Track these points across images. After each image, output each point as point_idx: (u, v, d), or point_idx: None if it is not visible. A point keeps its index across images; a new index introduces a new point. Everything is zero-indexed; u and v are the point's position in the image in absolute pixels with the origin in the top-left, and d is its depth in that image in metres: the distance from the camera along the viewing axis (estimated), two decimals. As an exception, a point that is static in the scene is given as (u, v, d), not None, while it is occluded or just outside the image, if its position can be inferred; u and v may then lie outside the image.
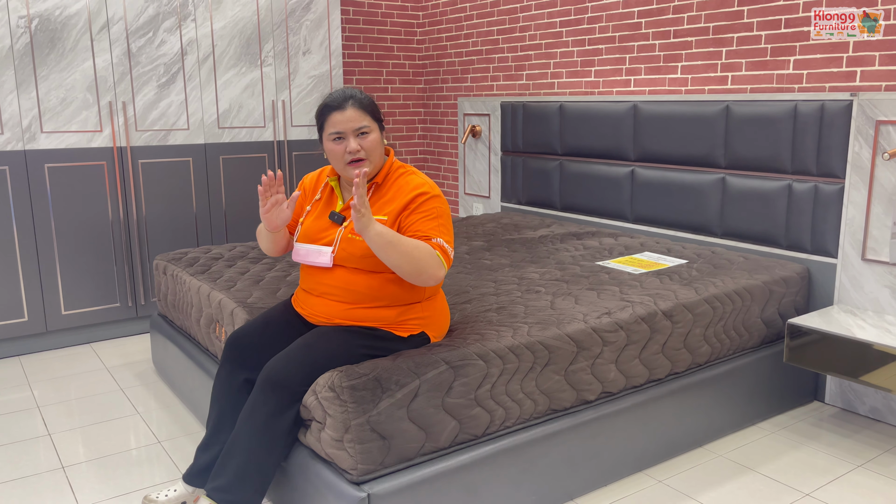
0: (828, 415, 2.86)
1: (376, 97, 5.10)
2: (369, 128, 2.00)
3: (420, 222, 1.96)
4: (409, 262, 1.86)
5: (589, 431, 2.23)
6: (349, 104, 1.99)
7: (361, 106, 2.00)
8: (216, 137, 3.93)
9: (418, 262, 1.86)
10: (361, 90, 2.05)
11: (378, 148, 2.03)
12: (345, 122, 1.98)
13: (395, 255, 1.84)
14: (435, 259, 1.90)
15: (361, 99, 2.01)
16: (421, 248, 1.88)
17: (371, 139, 2.00)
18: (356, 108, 1.99)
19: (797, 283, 2.84)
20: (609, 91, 3.82)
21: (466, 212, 4.81)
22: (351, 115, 1.98)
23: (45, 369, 3.38)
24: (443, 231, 1.97)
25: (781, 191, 2.98)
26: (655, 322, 2.37)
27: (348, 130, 1.98)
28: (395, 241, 1.85)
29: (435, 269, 1.90)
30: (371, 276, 1.99)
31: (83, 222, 3.61)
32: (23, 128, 3.41)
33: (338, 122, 1.98)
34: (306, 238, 2.10)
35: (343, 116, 1.98)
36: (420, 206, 1.97)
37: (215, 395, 2.15)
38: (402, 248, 1.85)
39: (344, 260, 2.01)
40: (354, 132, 1.99)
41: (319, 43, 4.18)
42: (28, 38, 3.36)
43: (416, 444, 1.91)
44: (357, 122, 1.98)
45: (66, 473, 2.42)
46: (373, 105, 2.04)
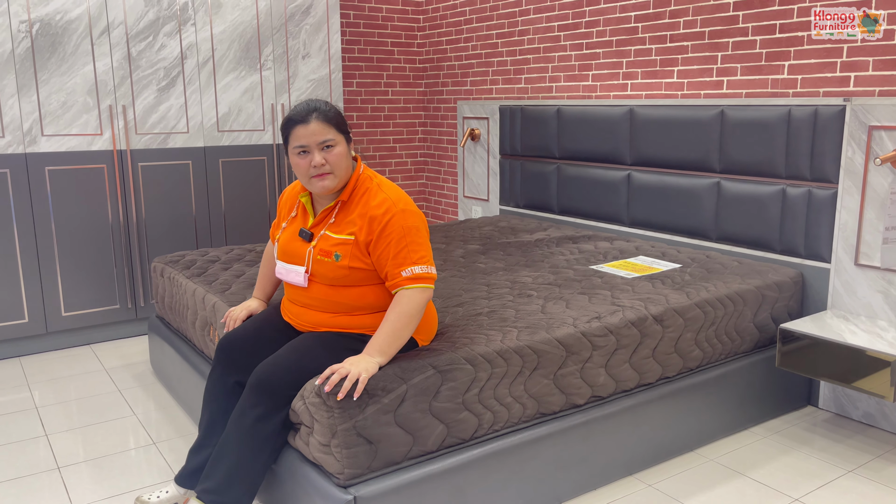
0: (821, 419, 2.86)
1: (377, 100, 5.13)
2: (334, 141, 1.97)
3: (387, 254, 1.94)
4: (413, 326, 1.94)
5: (578, 435, 2.24)
6: (313, 117, 1.95)
7: (326, 119, 1.96)
8: (215, 141, 3.96)
9: (415, 318, 1.93)
10: (327, 102, 2.03)
11: (343, 160, 2.00)
12: (308, 136, 1.95)
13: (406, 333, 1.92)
14: (415, 297, 1.93)
15: (326, 111, 1.98)
16: (404, 309, 1.91)
17: (336, 152, 1.98)
18: (320, 122, 1.95)
19: (790, 287, 2.85)
20: (606, 95, 3.83)
21: (465, 214, 4.82)
22: (315, 128, 1.95)
23: (44, 370, 3.42)
24: (412, 251, 1.94)
25: (775, 195, 2.98)
26: (646, 327, 2.38)
27: (312, 144, 1.95)
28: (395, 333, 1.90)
29: (423, 302, 1.94)
30: (349, 289, 2.01)
31: (83, 224, 3.65)
32: (24, 131, 3.44)
33: (301, 135, 1.95)
34: (283, 255, 2.12)
35: (307, 130, 1.95)
36: (382, 232, 1.94)
37: (207, 398, 2.17)
38: (405, 331, 1.92)
39: (319, 279, 2.03)
40: (319, 145, 1.96)
41: (319, 47, 4.21)
42: (29, 42, 3.40)
43: (403, 448, 1.93)
44: (321, 135, 1.95)
45: (61, 474, 2.45)
46: (338, 117, 2.01)
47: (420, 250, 1.96)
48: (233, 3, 3.89)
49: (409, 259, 1.93)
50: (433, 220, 5.44)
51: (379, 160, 5.23)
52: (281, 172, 4.20)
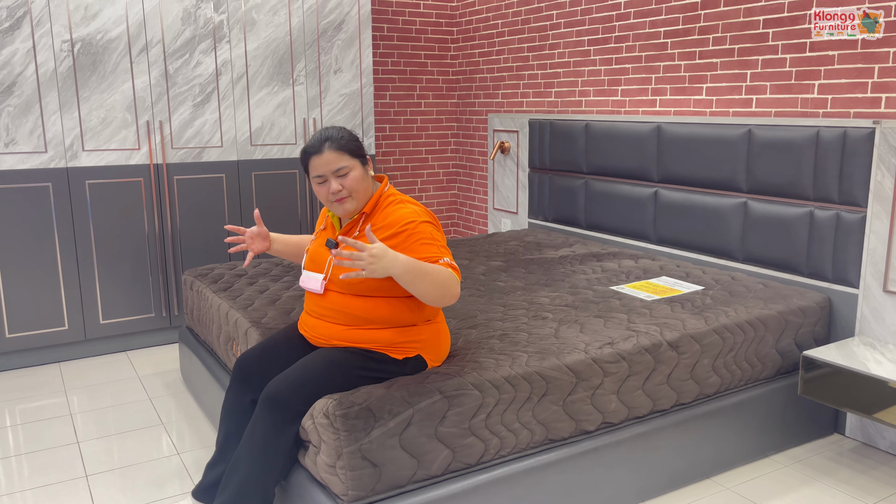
0: (847, 448, 2.79)
1: (409, 112, 5.18)
2: (348, 167, 2.05)
3: (422, 248, 2.00)
4: (436, 288, 1.92)
5: (587, 462, 2.24)
6: (325, 147, 2.04)
7: (339, 147, 2.05)
8: (248, 154, 4.06)
9: (444, 285, 1.93)
10: (341, 129, 2.10)
11: (360, 184, 2.07)
12: (323, 166, 2.04)
13: (425, 285, 1.90)
14: (453, 279, 1.96)
15: (338, 139, 2.06)
16: (442, 272, 1.93)
17: (351, 177, 2.05)
18: (333, 150, 2.04)
19: (816, 312, 2.79)
20: (635, 111, 3.80)
21: (495, 227, 4.83)
22: (328, 157, 2.04)
23: (81, 376, 3.55)
24: (444, 251, 2.02)
25: (803, 217, 2.92)
26: (660, 353, 2.36)
27: (328, 172, 2.05)
28: (423, 271, 1.88)
29: (455, 287, 1.96)
30: (364, 300, 2.05)
31: (121, 236, 3.78)
32: (65, 146, 3.59)
33: (317, 165, 2.05)
34: (309, 263, 2.20)
35: (321, 160, 2.04)
36: (413, 233, 2.01)
37: (224, 415, 2.24)
38: (431, 277, 1.90)
39: (336, 285, 2.09)
40: (334, 173, 2.05)
41: (351, 61, 4.28)
42: (71, 61, 3.54)
43: (407, 472, 1.96)
44: (335, 163, 2.04)
45: (88, 482, 2.55)
46: (351, 143, 2.08)
47: (450, 255, 2.03)
48: (266, 21, 3.99)
49: (444, 254, 2.00)
50: (462, 233, 5.47)
51: (411, 171, 5.28)
52: (312, 185, 4.27)
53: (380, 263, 1.81)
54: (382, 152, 5.13)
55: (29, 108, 3.48)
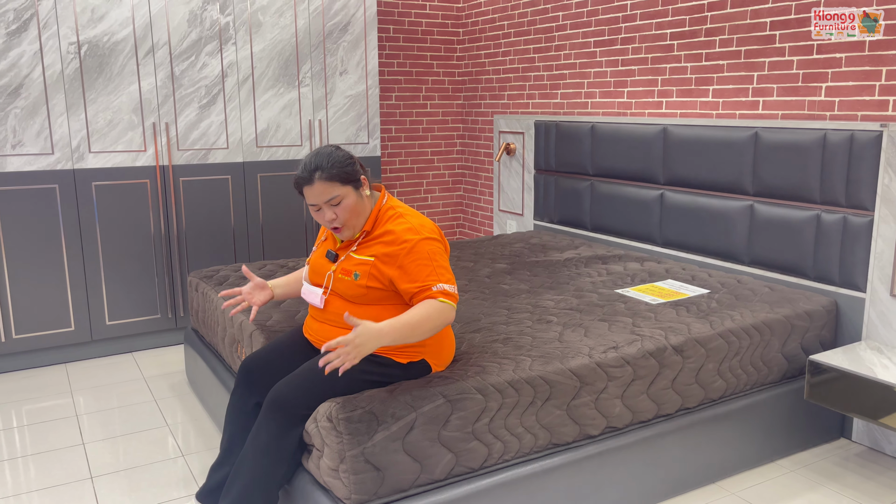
0: (853, 453, 2.77)
1: (415, 113, 5.18)
2: (340, 196, 2.02)
3: (415, 272, 1.99)
4: (429, 331, 1.94)
5: (591, 466, 2.23)
6: (316, 178, 2.01)
7: (329, 177, 2.01)
8: (254, 156, 4.07)
9: (434, 324, 1.94)
10: (331, 153, 2.04)
11: (355, 209, 2.05)
12: (315, 196, 2.03)
13: (416, 337, 1.92)
14: (443, 310, 1.95)
15: (328, 168, 2.01)
16: (432, 314, 1.93)
17: (344, 206, 2.03)
18: (323, 182, 2.01)
19: (823, 316, 2.77)
20: (641, 112, 3.79)
21: (500, 228, 4.83)
22: (319, 189, 2.01)
23: (87, 377, 3.57)
24: (440, 273, 2.00)
25: (810, 221, 2.90)
26: (664, 357, 2.36)
27: (320, 203, 2.03)
28: (410, 326, 1.90)
29: (446, 317, 1.96)
30: (366, 308, 2.06)
31: (127, 237, 3.80)
32: (72, 148, 3.60)
33: (309, 196, 2.04)
34: (311, 274, 2.21)
35: (312, 192, 2.02)
36: (408, 254, 2.00)
37: (228, 417, 2.25)
38: (419, 329, 1.91)
39: (336, 294, 2.10)
40: (327, 203, 2.03)
41: (356, 63, 4.28)
42: (78, 63, 3.55)
43: (410, 476, 1.95)
44: (326, 194, 2.01)
45: (93, 484, 2.56)
46: (342, 172, 2.03)
47: (446, 273, 2.02)
48: (272, 22, 3.99)
49: (441, 277, 1.99)
50: (467, 234, 5.46)
51: (417, 172, 5.28)
52: (317, 187, 4.28)
53: (366, 347, 1.82)
54: (388, 153, 5.14)
55: (36, 110, 3.49)
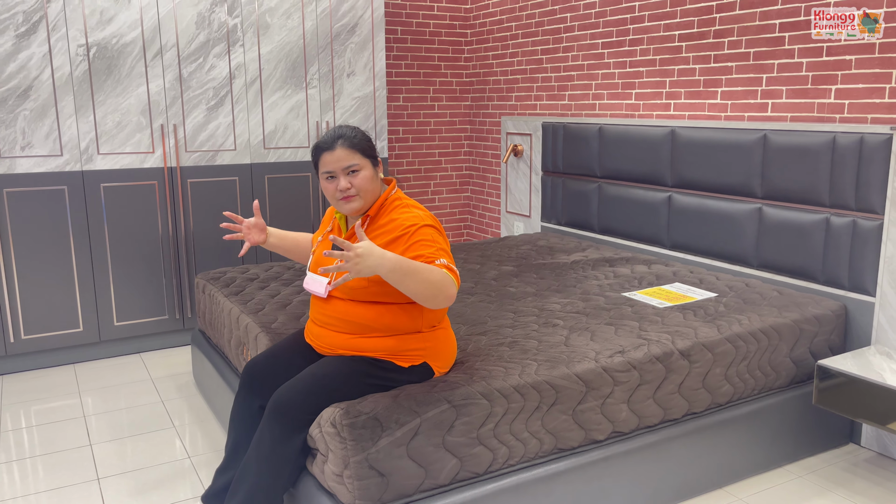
0: (862, 459, 2.75)
1: (423, 114, 5.17)
2: (359, 165, 2.04)
3: (419, 249, 1.97)
4: (427, 287, 1.86)
5: (597, 471, 2.22)
6: (338, 144, 2.03)
7: (351, 145, 2.04)
8: (262, 157, 4.07)
9: (435, 285, 1.87)
10: (355, 128, 2.10)
11: (369, 184, 2.06)
12: (334, 162, 2.03)
13: (414, 284, 1.84)
14: (447, 278, 1.91)
15: (351, 137, 2.05)
16: (434, 271, 1.88)
17: (361, 176, 2.04)
18: (345, 148, 2.03)
19: (832, 321, 2.75)
20: (649, 114, 3.77)
21: (508, 230, 4.82)
22: (340, 154, 2.03)
23: (95, 378, 3.58)
24: (441, 253, 1.98)
25: (819, 224, 2.88)
26: (671, 362, 2.34)
27: (338, 169, 2.04)
28: (412, 269, 1.83)
29: (449, 288, 1.90)
30: (367, 307, 2.04)
31: (135, 238, 3.81)
32: (81, 150, 3.62)
33: (328, 161, 2.04)
34: (315, 266, 2.19)
35: (332, 157, 2.03)
36: (413, 235, 1.99)
37: (232, 421, 2.25)
38: (420, 276, 1.84)
39: (340, 291, 2.07)
40: (344, 171, 2.04)
41: (364, 65, 4.28)
42: (86, 65, 3.57)
43: (415, 481, 1.95)
44: (346, 160, 2.03)
45: (100, 485, 2.57)
46: (364, 142, 2.08)
47: (448, 256, 1.99)
48: (280, 24, 4.00)
49: (442, 256, 1.96)
50: (475, 235, 5.45)
51: (424, 173, 5.28)
52: (325, 188, 4.28)
53: (366, 262, 1.75)
54: (395, 155, 5.13)
55: (45, 112, 3.51)
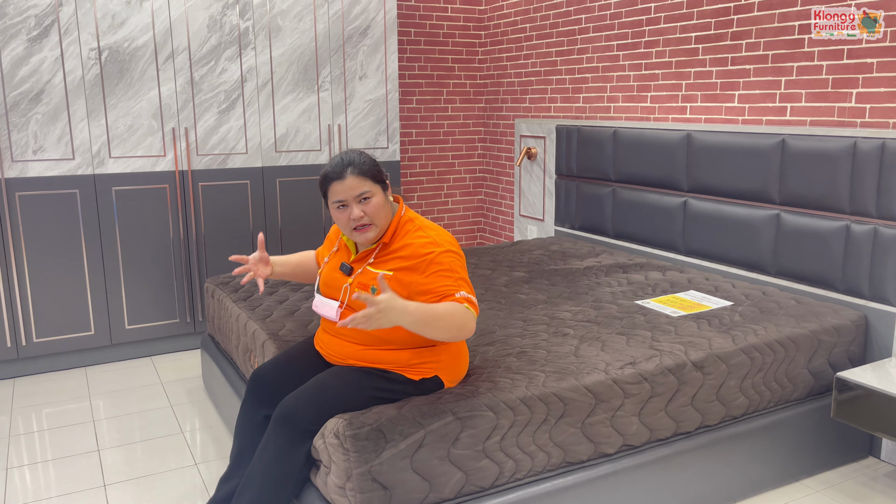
0: (882, 473, 2.67)
1: (436, 117, 5.14)
2: (371, 192, 2.01)
3: (438, 280, 1.95)
4: (448, 331, 1.86)
5: (606, 486, 2.17)
6: (348, 172, 2.00)
7: (361, 172, 2.01)
8: (273, 161, 4.06)
9: (456, 327, 1.86)
10: (361, 153, 2.06)
11: (382, 210, 2.03)
12: (345, 191, 2.00)
13: (437, 331, 1.84)
14: (466, 315, 1.88)
15: (360, 164, 2.02)
16: (456, 314, 1.86)
17: (374, 203, 2.01)
18: (356, 176, 2.00)
19: (851, 332, 2.67)
20: (664, 118, 3.71)
21: (521, 234, 4.77)
22: (350, 183, 1.99)
23: (106, 381, 3.58)
24: (461, 283, 1.96)
25: (839, 231, 2.80)
26: (684, 374, 2.28)
27: (349, 198, 2.00)
28: (434, 317, 1.82)
29: (469, 324, 1.89)
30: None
31: (147, 242, 3.81)
32: (92, 153, 3.62)
33: (338, 191, 2.00)
34: (324, 287, 2.16)
35: (343, 186, 2.00)
36: (430, 265, 1.96)
37: (237, 429, 2.22)
38: (442, 323, 1.83)
39: (355, 303, 2.04)
40: (356, 199, 2.00)
41: (376, 67, 4.25)
42: (98, 69, 3.57)
43: (419, 495, 1.91)
44: (357, 188, 2.00)
45: (106, 492, 2.56)
46: (373, 168, 2.04)
47: (467, 285, 1.97)
48: (292, 27, 3.98)
49: (461, 287, 1.94)
50: (488, 238, 5.41)
51: (437, 176, 5.24)
52: (336, 191, 4.26)
53: (387, 317, 1.73)
54: (408, 157, 5.10)
55: (57, 116, 3.52)
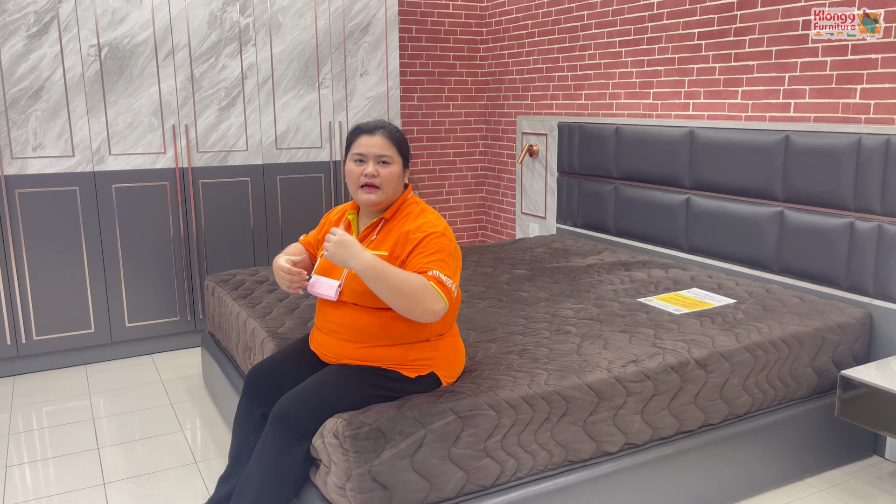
0: (886, 472, 2.65)
1: (437, 114, 5.12)
2: (391, 158, 2.04)
3: (417, 258, 1.95)
4: (399, 296, 1.84)
5: (608, 485, 2.15)
6: (379, 131, 2.05)
7: (390, 136, 2.05)
8: (274, 158, 4.04)
9: (409, 295, 1.84)
10: (398, 128, 2.12)
11: (394, 181, 2.05)
12: (370, 146, 2.03)
13: (384, 289, 1.84)
14: (430, 291, 1.85)
15: (392, 131, 2.07)
16: (412, 281, 1.85)
17: (390, 170, 2.04)
18: (384, 137, 2.04)
19: (855, 329, 2.65)
20: (667, 114, 3.68)
21: (523, 231, 4.75)
22: (378, 141, 2.03)
23: (106, 379, 3.57)
24: (441, 265, 1.93)
25: (843, 229, 2.78)
26: (687, 372, 2.27)
27: (370, 155, 2.03)
28: (383, 273, 1.84)
29: (430, 303, 1.85)
30: (374, 314, 1.99)
31: (147, 239, 3.80)
32: (92, 150, 3.61)
33: (364, 144, 2.04)
34: (322, 270, 2.14)
35: (370, 140, 2.04)
36: (419, 243, 1.96)
37: (235, 428, 2.21)
38: (390, 282, 1.84)
39: (349, 295, 2.02)
40: (376, 158, 2.03)
41: (377, 64, 4.23)
42: (98, 65, 3.55)
43: (419, 495, 1.90)
44: (381, 149, 2.03)
45: (105, 490, 2.55)
46: (402, 141, 2.09)
47: (448, 269, 1.94)
48: (292, 24, 3.96)
49: (440, 267, 1.92)
50: (490, 236, 5.39)
51: (439, 173, 5.22)
52: (338, 189, 4.24)
53: (341, 251, 1.86)
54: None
55: (56, 113, 3.50)
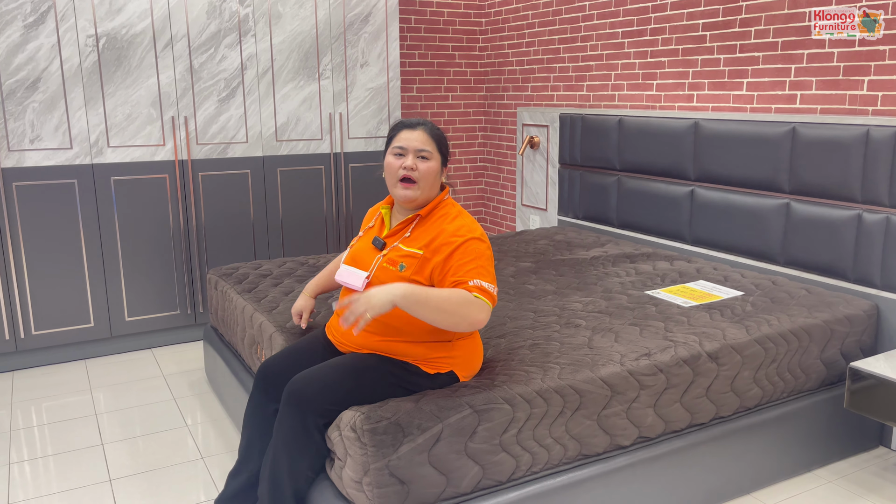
0: (893, 462, 2.66)
1: (436, 105, 5.09)
2: (430, 154, 2.06)
3: (456, 267, 1.93)
4: (444, 315, 1.83)
5: (622, 478, 2.15)
6: (420, 127, 2.08)
7: (431, 133, 2.09)
8: (274, 150, 4.00)
9: (454, 312, 1.83)
10: (438, 127, 2.15)
11: (432, 177, 2.06)
12: (410, 140, 2.06)
13: (427, 311, 1.82)
14: (473, 304, 1.85)
15: (433, 128, 2.11)
16: (453, 298, 1.84)
17: (428, 165, 2.05)
18: (426, 133, 2.07)
19: (863, 321, 2.66)
20: (671, 106, 3.67)
21: (523, 224, 4.73)
22: (419, 136, 2.06)
23: (107, 374, 3.54)
24: (482, 272, 1.93)
25: (850, 220, 2.78)
26: (699, 365, 2.26)
27: (410, 148, 2.05)
28: (424, 296, 1.81)
29: (476, 314, 1.85)
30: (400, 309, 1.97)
31: (146, 232, 3.75)
32: (91, 143, 3.56)
33: (405, 137, 2.07)
34: (351, 260, 2.14)
35: (412, 134, 2.07)
36: (458, 248, 1.95)
37: (246, 423, 2.18)
38: (432, 303, 1.82)
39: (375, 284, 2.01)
40: (416, 152, 2.05)
41: (377, 55, 4.19)
42: (96, 56, 3.50)
43: (436, 490, 1.89)
44: (421, 143, 2.06)
45: (112, 487, 2.53)
46: (442, 139, 2.12)
47: (487, 275, 1.94)
48: (292, 14, 3.91)
49: (480, 275, 1.92)
50: (490, 229, 5.37)
51: (438, 166, 5.19)
52: (338, 181, 4.21)
53: (377, 296, 1.78)
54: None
55: (54, 104, 3.45)
